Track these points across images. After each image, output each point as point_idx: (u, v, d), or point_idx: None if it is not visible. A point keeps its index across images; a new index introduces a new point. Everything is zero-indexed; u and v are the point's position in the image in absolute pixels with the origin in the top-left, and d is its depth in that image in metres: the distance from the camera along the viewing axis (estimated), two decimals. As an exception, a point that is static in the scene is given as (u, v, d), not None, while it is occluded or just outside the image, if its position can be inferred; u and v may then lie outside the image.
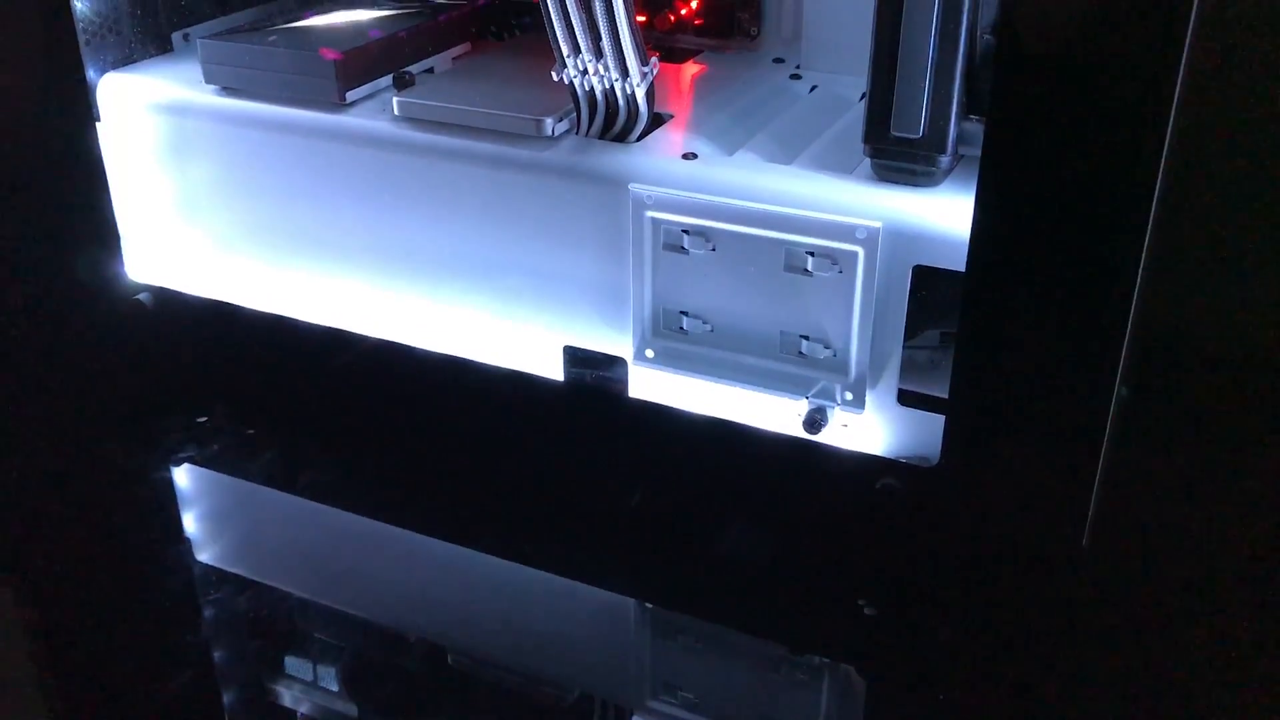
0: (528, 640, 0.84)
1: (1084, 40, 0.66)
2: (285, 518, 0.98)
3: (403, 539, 0.94)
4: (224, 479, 1.01)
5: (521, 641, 0.84)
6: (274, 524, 0.98)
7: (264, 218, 0.98)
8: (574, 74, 0.84)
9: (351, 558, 0.93)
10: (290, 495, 0.99)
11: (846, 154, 0.82)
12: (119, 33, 1.03)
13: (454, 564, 0.92)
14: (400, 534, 0.94)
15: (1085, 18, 0.66)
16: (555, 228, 0.88)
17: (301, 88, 0.93)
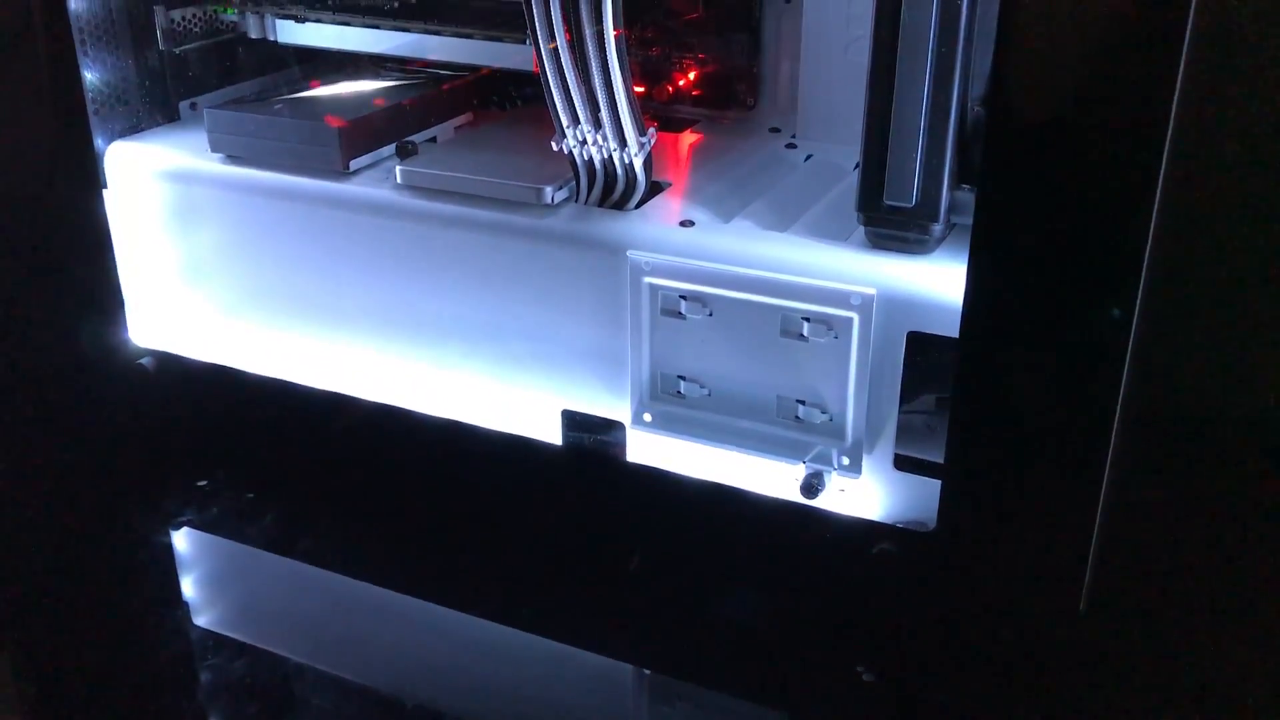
0: (526, 706, 0.83)
1: (1071, 112, 0.68)
2: (283, 582, 0.98)
3: (400, 603, 0.94)
4: (223, 543, 1.01)
5: (519, 707, 0.83)
6: (272, 588, 0.98)
7: (266, 283, 1.00)
8: (573, 144, 0.85)
9: (349, 622, 0.93)
10: (289, 559, 0.99)
11: (841, 222, 0.83)
12: (127, 102, 1.05)
13: (452, 629, 0.92)
14: (398, 598, 0.94)
15: (1072, 90, 0.68)
16: (555, 293, 0.89)
17: (306, 156, 0.95)
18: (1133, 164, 0.67)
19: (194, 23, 1.09)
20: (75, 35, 0.99)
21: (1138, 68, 0.65)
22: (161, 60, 1.06)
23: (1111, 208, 0.68)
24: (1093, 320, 0.71)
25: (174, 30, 1.07)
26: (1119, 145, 0.67)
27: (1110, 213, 0.68)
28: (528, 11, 0.80)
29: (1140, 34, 0.65)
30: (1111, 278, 0.69)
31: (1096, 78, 0.67)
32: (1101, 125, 0.67)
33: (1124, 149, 0.67)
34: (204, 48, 1.10)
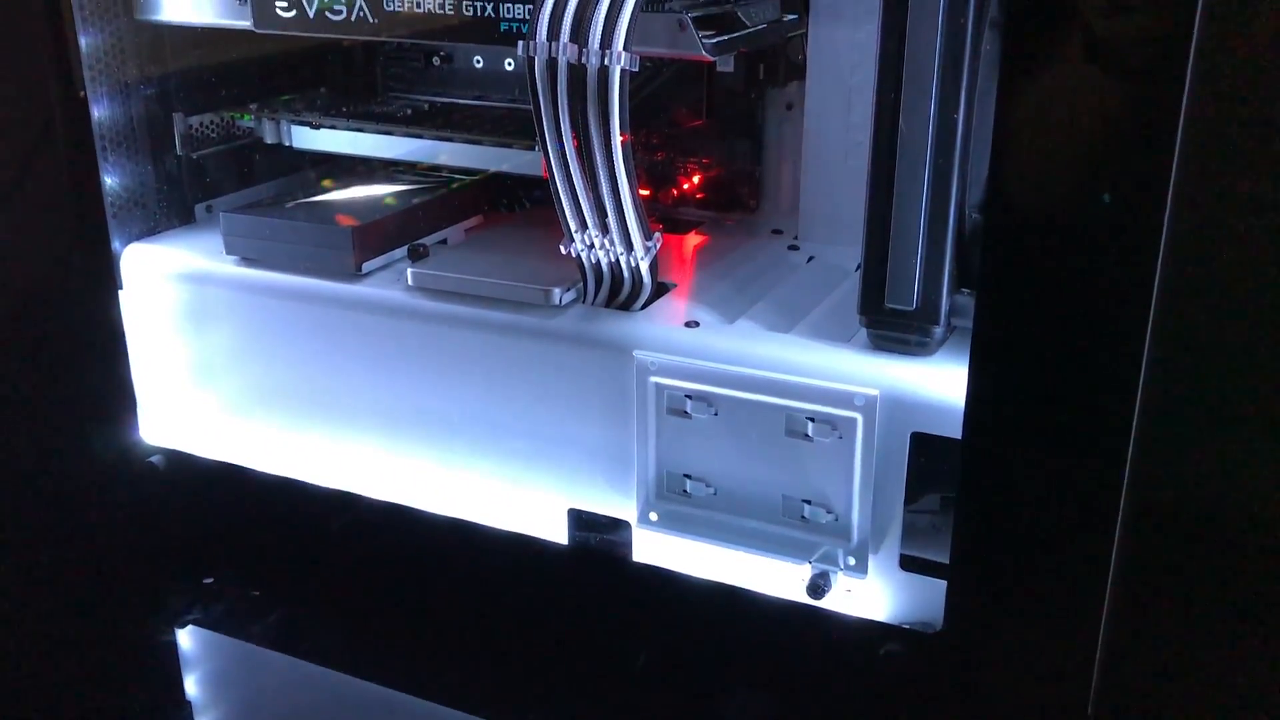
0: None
1: (1067, 216, 0.70)
2: (289, 681, 0.98)
3: (406, 703, 0.93)
4: (227, 641, 1.01)
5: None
6: (277, 687, 0.98)
7: (276, 383, 1.01)
8: (581, 247, 0.87)
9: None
10: (294, 659, 0.98)
11: (844, 323, 0.84)
12: (144, 205, 1.07)
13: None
14: (403, 698, 0.93)
15: (1067, 195, 0.70)
16: (562, 393, 0.90)
17: (319, 259, 0.97)
18: (1129, 265, 0.68)
19: (211, 129, 1.12)
20: (97, 142, 1.02)
21: (1131, 170, 0.67)
22: (179, 165, 1.09)
23: (1109, 309, 0.70)
24: (1094, 420, 0.72)
25: (192, 136, 1.10)
26: (1115, 248, 0.69)
27: (1108, 314, 0.70)
28: (537, 119, 0.83)
29: (1132, 136, 0.67)
30: (1111, 378, 0.70)
31: (1090, 182, 0.69)
32: (1097, 229, 0.69)
33: (1120, 251, 0.69)
34: (220, 153, 1.13)
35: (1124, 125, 0.67)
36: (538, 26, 0.80)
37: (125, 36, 1.03)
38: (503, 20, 0.88)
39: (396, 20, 0.92)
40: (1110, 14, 0.65)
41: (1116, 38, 0.66)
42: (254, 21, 0.96)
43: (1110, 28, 0.66)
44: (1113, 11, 0.65)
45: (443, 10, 0.90)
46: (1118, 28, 0.66)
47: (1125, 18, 0.65)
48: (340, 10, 0.93)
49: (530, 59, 0.81)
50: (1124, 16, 0.65)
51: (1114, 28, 0.66)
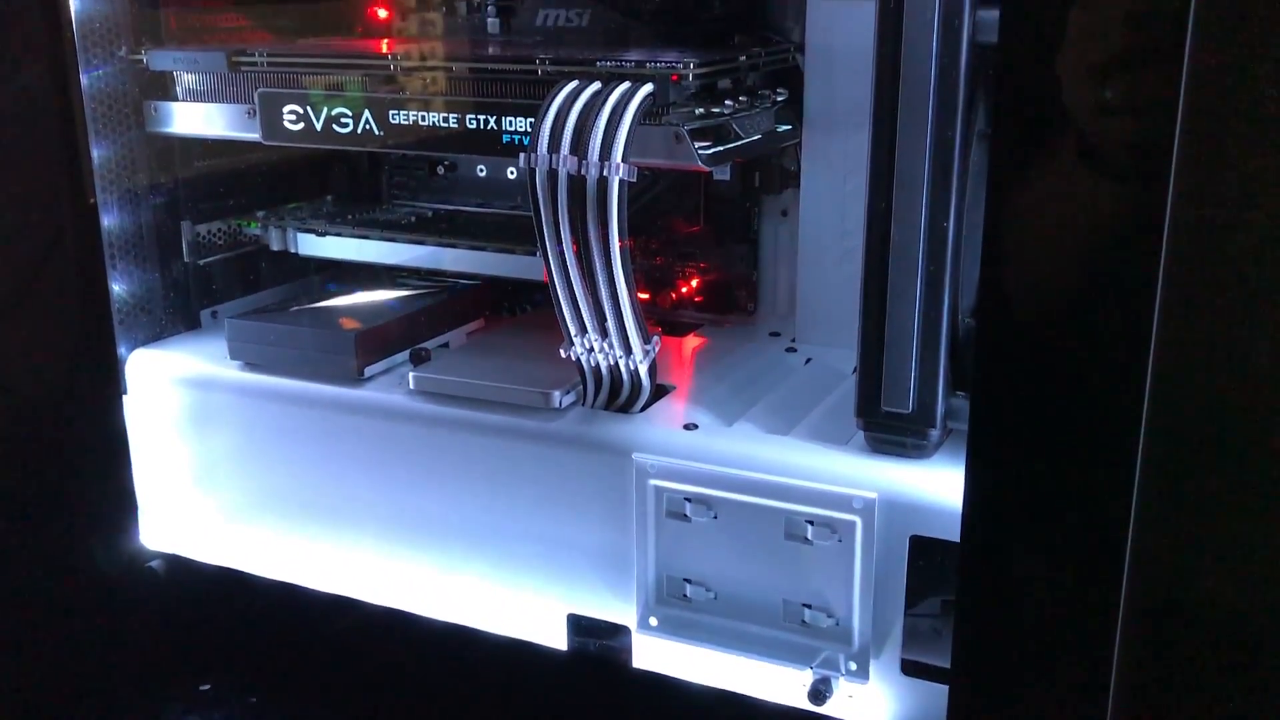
0: None
1: (1057, 321, 0.71)
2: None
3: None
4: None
5: None
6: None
7: (278, 487, 1.01)
8: (581, 351, 0.88)
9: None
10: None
11: (841, 425, 0.85)
12: (150, 312, 1.09)
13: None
14: (400, 810, 0.92)
15: (1057, 300, 0.71)
16: (561, 497, 0.90)
17: (322, 363, 0.98)
18: (1121, 367, 0.69)
19: (218, 236, 1.14)
20: (105, 249, 1.04)
21: (1120, 274, 0.69)
22: (186, 272, 1.11)
23: (1103, 411, 0.70)
24: (1091, 521, 0.72)
25: (199, 243, 1.12)
26: (1106, 350, 0.70)
27: (1102, 416, 0.70)
28: (538, 226, 0.84)
29: (1120, 241, 0.68)
30: (1107, 478, 0.71)
31: (1080, 287, 0.70)
32: (1088, 331, 0.70)
33: (1111, 353, 0.70)
34: (227, 259, 1.15)
35: (1110, 229, 0.69)
36: (539, 139, 0.83)
37: (136, 148, 1.06)
38: (505, 133, 0.91)
39: (402, 132, 0.94)
40: (1095, 118, 0.67)
41: (1101, 143, 0.68)
42: (263, 134, 0.99)
43: (1095, 132, 0.68)
44: (1097, 116, 0.67)
45: (447, 123, 0.92)
46: (1102, 133, 0.68)
47: (1109, 121, 0.67)
48: (347, 123, 0.96)
49: (532, 170, 0.83)
50: (1108, 120, 0.67)
51: (1099, 132, 0.68)
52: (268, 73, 0.99)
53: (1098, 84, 0.67)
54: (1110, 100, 0.66)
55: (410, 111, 0.94)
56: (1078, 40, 0.66)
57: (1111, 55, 0.65)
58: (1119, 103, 0.66)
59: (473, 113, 0.91)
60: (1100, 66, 0.66)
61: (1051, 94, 0.68)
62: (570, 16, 1.12)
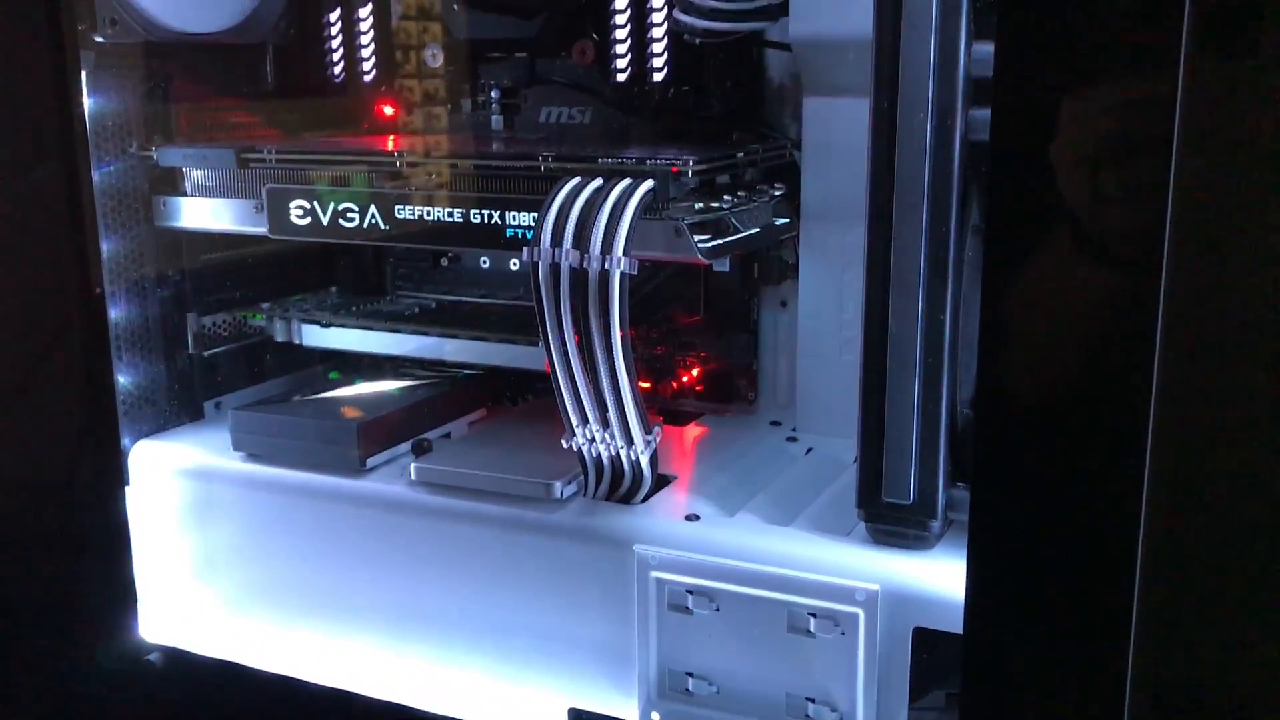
0: None
1: (1055, 411, 0.71)
2: None
3: None
4: None
5: None
6: None
7: (280, 579, 1.01)
8: (582, 442, 0.89)
9: None
10: None
11: (843, 516, 0.85)
12: (155, 403, 1.10)
13: None
14: None
15: (1054, 391, 0.72)
16: (562, 589, 0.90)
17: (325, 455, 0.98)
18: (1119, 456, 0.70)
19: (223, 328, 1.16)
20: (112, 341, 1.05)
21: (1116, 362, 0.69)
22: (190, 363, 1.12)
23: (1102, 501, 0.71)
24: (1093, 612, 0.72)
25: (204, 335, 1.13)
26: (1105, 439, 0.70)
27: (1101, 505, 0.71)
28: (539, 317, 0.86)
29: (1115, 329, 0.69)
30: (1108, 569, 0.71)
31: (1077, 377, 0.71)
32: (1086, 422, 0.71)
33: (1110, 442, 0.70)
34: (231, 351, 1.16)
35: (1105, 318, 0.70)
36: (542, 234, 0.84)
37: (144, 241, 1.07)
38: (508, 227, 0.92)
39: (407, 227, 0.96)
40: (1088, 207, 0.69)
41: (1095, 231, 0.69)
42: (270, 229, 1.01)
43: (1088, 221, 0.69)
44: (1090, 204, 0.69)
45: (452, 218, 0.94)
46: (1095, 221, 0.69)
47: (1102, 209, 0.69)
48: (353, 217, 0.98)
49: (535, 263, 0.84)
50: (1101, 208, 0.69)
51: (1092, 221, 0.69)
52: (275, 169, 1.01)
53: (1090, 173, 0.68)
54: (1102, 189, 0.68)
55: (416, 206, 0.95)
56: (1068, 130, 0.67)
57: (1102, 144, 0.67)
58: (1111, 191, 0.68)
59: (477, 208, 0.93)
60: (1091, 156, 0.68)
61: (1043, 191, 0.70)
62: (572, 113, 1.14)
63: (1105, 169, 0.68)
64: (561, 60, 1.12)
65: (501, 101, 1.16)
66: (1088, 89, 0.67)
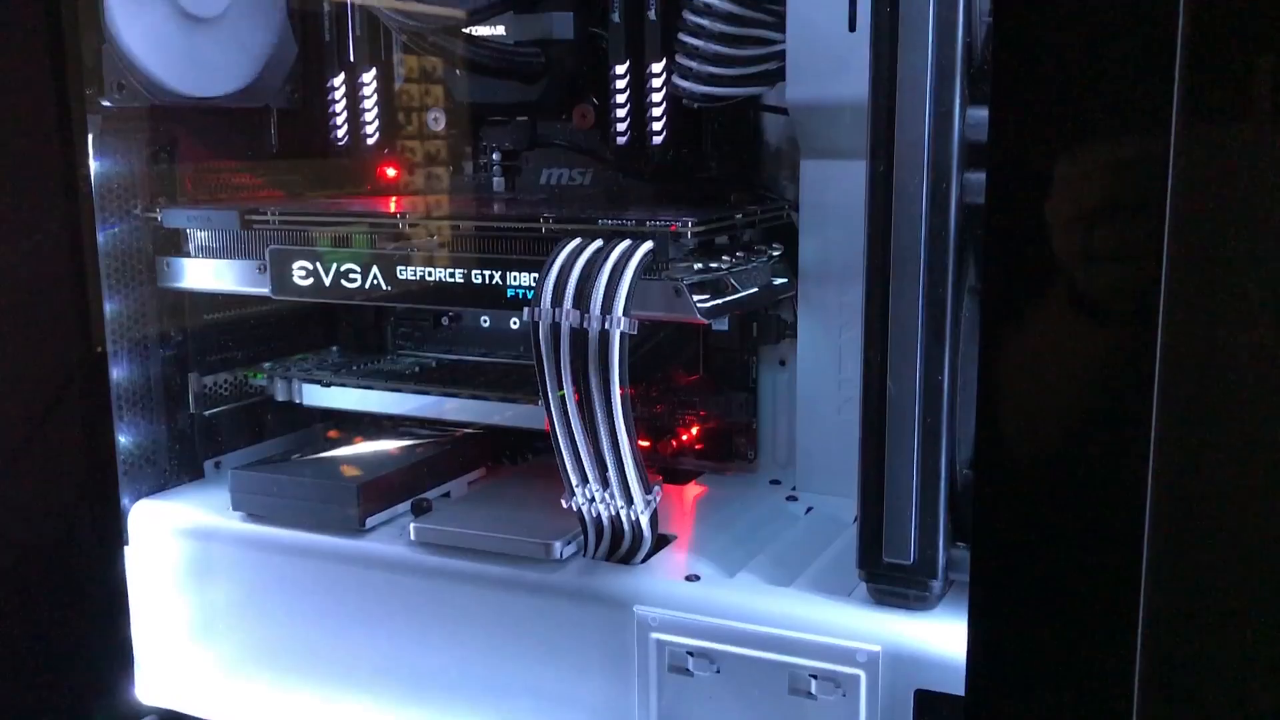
0: None
1: (1054, 470, 0.72)
2: None
3: None
4: None
5: None
6: None
7: (278, 640, 1.01)
8: (582, 501, 0.89)
9: None
10: None
11: (844, 576, 0.85)
12: (155, 463, 1.10)
13: None
14: None
15: (1052, 451, 0.72)
16: (562, 650, 0.89)
17: (324, 515, 0.98)
18: (1118, 514, 0.70)
19: (224, 387, 1.16)
20: (114, 401, 1.05)
21: (1114, 420, 0.70)
22: (191, 423, 1.12)
23: (1102, 560, 0.71)
24: (1095, 673, 0.71)
25: (205, 395, 1.13)
26: (1104, 498, 0.71)
27: (1102, 565, 0.71)
28: (540, 376, 0.86)
29: (1113, 387, 0.70)
30: (1109, 629, 0.71)
31: (1075, 436, 0.71)
32: (1085, 481, 0.71)
33: (1110, 501, 0.70)
34: (232, 410, 1.16)
35: (1102, 377, 0.70)
36: (543, 294, 0.85)
37: (147, 301, 1.08)
38: (510, 287, 0.93)
39: (409, 287, 0.97)
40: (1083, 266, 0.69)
41: (1090, 290, 0.70)
42: (272, 289, 1.02)
43: (1084, 279, 0.70)
44: (1085, 263, 0.69)
45: (453, 279, 0.95)
46: (1091, 279, 0.70)
47: (1097, 268, 0.69)
48: (355, 278, 0.98)
49: (536, 323, 0.85)
50: (1096, 267, 0.69)
51: (1087, 279, 0.70)
52: (279, 230, 1.02)
53: (1084, 233, 0.69)
54: (1097, 248, 0.68)
55: (417, 267, 0.96)
56: (1063, 191, 0.68)
57: (1096, 205, 0.68)
58: (1106, 250, 0.69)
59: (479, 268, 0.94)
60: (1086, 216, 0.68)
61: (1038, 252, 0.71)
62: (573, 175, 1.16)
63: (1100, 228, 0.69)
64: (562, 124, 1.13)
65: (503, 163, 1.18)
66: (1081, 151, 0.68)
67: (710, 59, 0.97)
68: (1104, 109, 0.68)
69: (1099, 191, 0.68)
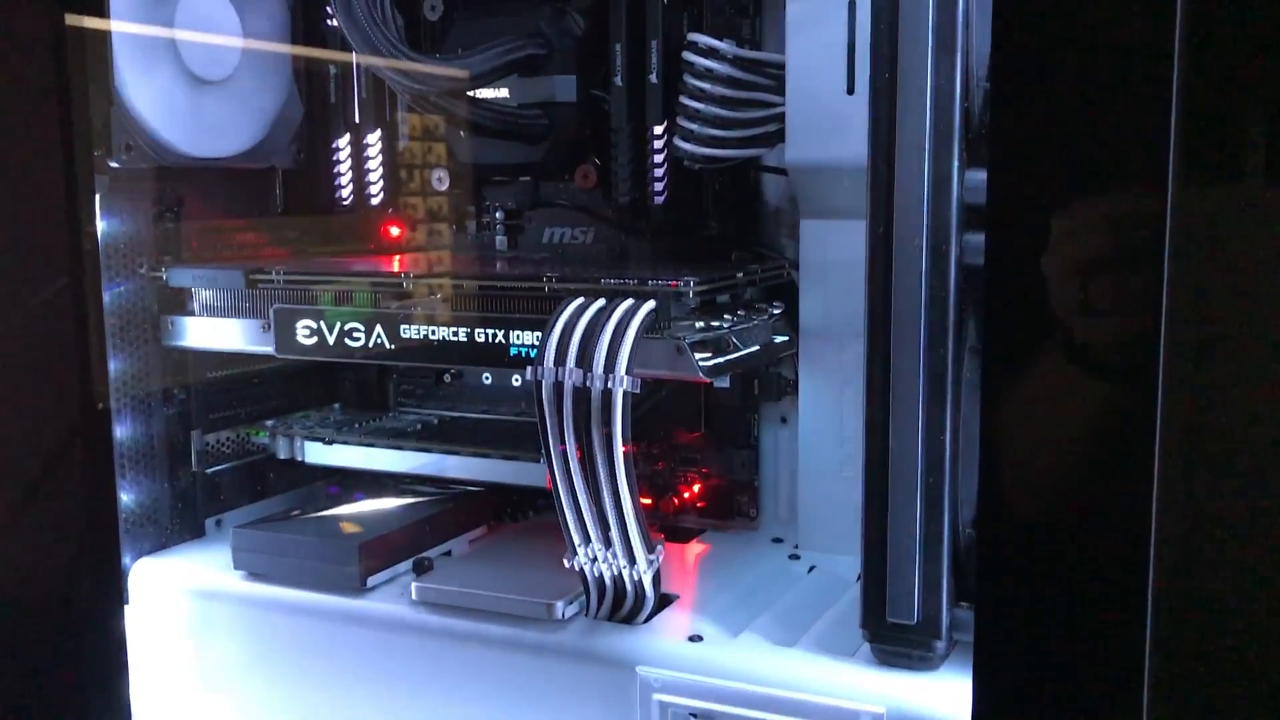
0: None
1: (1057, 530, 0.72)
2: None
3: None
4: None
5: None
6: None
7: (278, 700, 1.00)
8: (584, 561, 0.89)
9: None
10: None
11: (847, 636, 0.85)
12: (157, 521, 1.10)
13: None
14: None
15: (1054, 511, 0.72)
16: (564, 711, 0.89)
17: (325, 573, 0.98)
18: (1122, 572, 0.70)
19: (226, 445, 1.16)
20: (116, 461, 1.06)
21: (1116, 478, 0.70)
22: (194, 481, 1.12)
23: (1106, 619, 0.71)
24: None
25: (208, 453, 1.13)
26: (1107, 556, 0.71)
27: (1105, 624, 0.71)
28: (542, 434, 0.86)
29: (1113, 445, 0.70)
30: (1113, 689, 0.70)
31: (1077, 494, 0.71)
32: (1088, 539, 0.71)
33: (1112, 559, 0.70)
34: (234, 468, 1.16)
35: (1102, 435, 0.71)
36: (546, 353, 0.85)
37: (151, 360, 1.08)
38: (513, 346, 0.93)
39: (413, 345, 0.97)
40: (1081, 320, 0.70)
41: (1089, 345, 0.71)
42: (276, 348, 1.02)
43: (1082, 334, 0.70)
44: (1083, 317, 0.70)
45: (456, 337, 0.95)
46: (1089, 333, 0.70)
47: (1095, 322, 0.70)
48: (359, 336, 0.99)
49: (538, 382, 0.85)
50: (1094, 321, 0.70)
51: (1086, 334, 0.70)
52: (283, 289, 1.03)
53: (1082, 293, 0.70)
54: (1095, 304, 0.69)
55: (421, 326, 0.97)
56: (1060, 250, 0.69)
57: (1093, 265, 0.69)
58: (1103, 308, 0.69)
59: (482, 327, 0.95)
60: (1083, 276, 0.69)
61: (1038, 314, 0.71)
62: (575, 234, 1.17)
63: (1096, 289, 0.70)
64: (565, 183, 1.15)
65: (506, 222, 1.19)
66: (1078, 214, 0.69)
67: (711, 121, 0.99)
68: (1100, 173, 0.69)
69: (1096, 253, 0.69)
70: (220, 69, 1.11)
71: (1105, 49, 0.68)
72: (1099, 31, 0.68)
